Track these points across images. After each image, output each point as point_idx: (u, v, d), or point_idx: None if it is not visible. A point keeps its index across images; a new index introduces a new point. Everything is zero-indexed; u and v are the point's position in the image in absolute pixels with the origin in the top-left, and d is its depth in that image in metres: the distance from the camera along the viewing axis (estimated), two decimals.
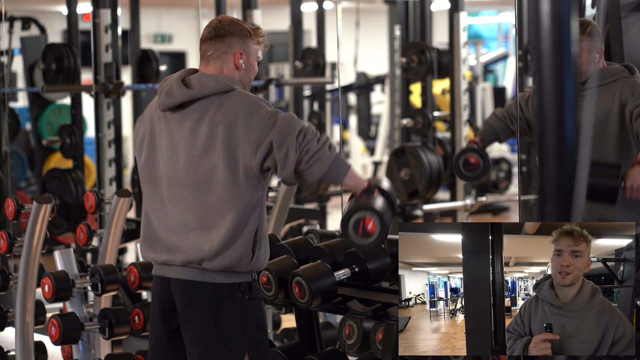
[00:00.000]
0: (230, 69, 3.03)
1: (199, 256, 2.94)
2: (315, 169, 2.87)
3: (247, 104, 2.92)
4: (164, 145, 3.02)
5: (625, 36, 4.65)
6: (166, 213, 3.02)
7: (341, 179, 2.92)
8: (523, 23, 6.02)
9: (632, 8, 4.69)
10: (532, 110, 3.84)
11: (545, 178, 1.51)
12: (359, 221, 2.91)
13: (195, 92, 2.96)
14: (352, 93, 12.49)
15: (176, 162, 2.99)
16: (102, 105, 6.24)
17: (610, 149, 3.65)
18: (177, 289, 3.01)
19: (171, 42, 15.75)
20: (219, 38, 3.03)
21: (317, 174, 2.88)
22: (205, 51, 3.06)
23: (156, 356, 3.11)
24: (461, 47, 6.63)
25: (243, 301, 2.97)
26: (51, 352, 4.43)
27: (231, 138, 2.90)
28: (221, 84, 2.96)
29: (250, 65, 3.07)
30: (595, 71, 3.66)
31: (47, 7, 14.13)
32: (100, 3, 6.13)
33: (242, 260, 2.94)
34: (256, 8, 6.37)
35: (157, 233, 3.03)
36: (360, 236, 2.91)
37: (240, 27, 3.05)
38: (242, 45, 3.04)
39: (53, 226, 6.39)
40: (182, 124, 2.98)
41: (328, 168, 2.88)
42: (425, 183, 6.86)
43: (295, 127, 2.86)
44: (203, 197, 2.94)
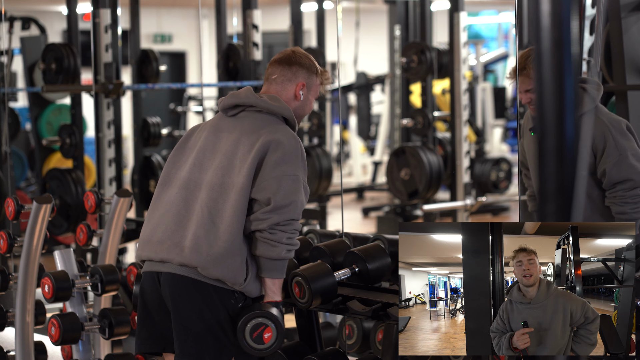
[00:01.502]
0: (288, 97, 3.14)
1: (195, 260, 2.96)
2: (264, 248, 2.97)
3: (289, 149, 3.00)
4: (201, 145, 3.10)
5: (625, 36, 4.65)
6: (171, 213, 3.03)
7: (270, 275, 3.01)
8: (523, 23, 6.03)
9: (632, 8, 4.69)
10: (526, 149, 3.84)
11: (545, 178, 1.51)
12: (259, 327, 2.98)
13: (259, 101, 3.07)
14: (352, 93, 12.49)
15: (208, 163, 3.06)
16: (102, 105, 6.24)
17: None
18: (168, 282, 3.02)
19: (171, 42, 15.75)
20: (287, 65, 3.15)
21: (260, 252, 2.98)
22: (270, 74, 3.17)
23: (147, 347, 3.14)
24: (461, 47, 6.63)
25: (236, 308, 3.02)
26: (51, 352, 4.43)
27: (259, 163, 2.99)
28: (284, 109, 3.08)
29: (308, 100, 3.18)
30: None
31: (47, 7, 14.13)
32: (100, 3, 6.13)
33: (237, 278, 2.98)
34: (256, 8, 6.37)
35: (158, 234, 3.06)
36: (254, 339, 2.98)
37: (310, 62, 3.17)
38: (306, 79, 3.16)
39: (53, 226, 6.39)
40: (233, 129, 3.08)
41: (271, 259, 2.98)
42: (425, 183, 6.86)
43: (289, 214, 2.96)
44: (218, 200, 2.99)
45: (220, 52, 7.15)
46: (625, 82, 4.67)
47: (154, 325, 3.11)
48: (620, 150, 3.52)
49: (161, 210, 3.08)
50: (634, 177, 3.52)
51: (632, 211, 3.52)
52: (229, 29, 7.50)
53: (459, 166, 6.73)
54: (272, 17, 12.68)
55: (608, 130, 3.53)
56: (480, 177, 9.23)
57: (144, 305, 3.12)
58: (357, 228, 9.61)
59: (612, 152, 3.52)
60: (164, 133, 7.24)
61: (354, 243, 3.62)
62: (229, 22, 7.51)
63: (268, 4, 12.95)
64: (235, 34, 8.36)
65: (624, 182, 3.53)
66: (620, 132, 3.54)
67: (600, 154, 3.54)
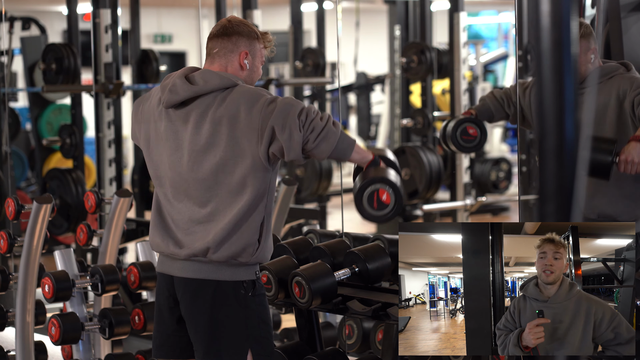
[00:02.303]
0: (234, 68, 3.05)
1: (204, 246, 2.94)
2: (324, 146, 2.88)
3: (248, 95, 2.93)
4: (167, 144, 3.03)
5: (625, 36, 4.65)
6: (173, 208, 3.03)
7: (349, 154, 2.94)
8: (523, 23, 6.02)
9: (632, 8, 4.69)
10: (529, 101, 3.84)
11: (545, 178, 1.51)
12: (373, 194, 2.91)
13: (199, 88, 2.97)
14: (352, 93, 12.49)
15: (180, 159, 3.00)
16: (102, 105, 6.24)
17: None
18: (180, 287, 3.01)
19: (171, 42, 15.75)
20: (226, 36, 3.04)
21: (326, 152, 2.89)
22: (211, 48, 3.07)
23: (165, 353, 3.12)
24: (461, 47, 6.63)
25: (247, 298, 2.98)
26: (51, 352, 4.43)
27: (235, 130, 2.92)
28: (225, 80, 2.97)
29: (254, 66, 3.08)
30: (591, 70, 3.67)
31: (47, 7, 14.13)
32: (100, 3, 6.13)
33: (247, 249, 2.94)
34: (256, 8, 6.37)
35: (168, 224, 3.04)
36: (376, 209, 2.91)
37: (249, 29, 3.07)
38: (248, 46, 3.06)
39: (53, 226, 6.39)
40: (186, 120, 2.99)
41: (336, 144, 2.89)
42: (425, 183, 6.86)
43: (295, 108, 2.88)
44: (211, 191, 2.95)
45: None
46: None
47: (167, 331, 3.09)
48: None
49: (167, 205, 3.06)
50: None
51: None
52: None
53: (458, 166, 6.73)
54: (272, 17, 12.68)
55: (636, 79, 3.64)
56: (480, 177, 9.23)
57: (159, 309, 3.11)
58: (357, 228, 9.61)
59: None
60: None
61: (354, 243, 3.62)
62: None
63: (268, 4, 12.95)
64: None
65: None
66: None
67: (629, 90, 3.59)
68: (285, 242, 3.64)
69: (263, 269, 3.39)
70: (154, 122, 3.06)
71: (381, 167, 2.96)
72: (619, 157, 3.44)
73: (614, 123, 3.61)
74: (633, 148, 3.44)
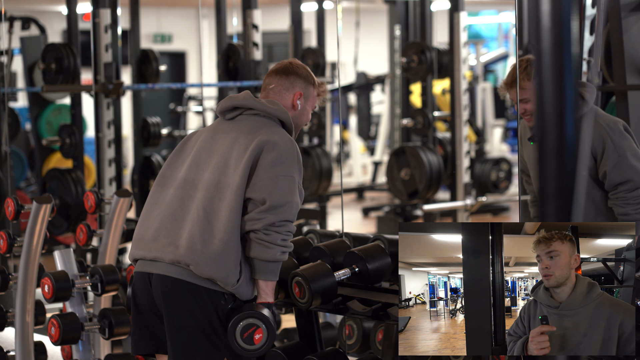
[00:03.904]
0: (286, 106, 3.16)
1: (189, 258, 2.96)
2: (258, 250, 2.96)
3: (285, 150, 3.01)
4: (199, 146, 3.10)
5: (625, 36, 4.65)
6: (167, 212, 3.03)
7: (263, 277, 3.00)
8: (523, 23, 6.02)
9: (632, 8, 4.69)
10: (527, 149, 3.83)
11: (546, 178, 1.50)
12: (250, 327, 2.97)
13: (257, 104, 3.09)
14: (352, 93, 12.49)
15: (205, 163, 3.06)
16: (102, 105, 6.24)
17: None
18: (159, 284, 3.02)
19: (171, 42, 15.75)
20: (284, 75, 3.17)
21: (255, 254, 2.97)
22: (267, 84, 3.19)
23: (142, 348, 3.15)
24: (461, 47, 6.63)
25: (226, 309, 3.02)
26: (51, 352, 4.43)
27: (254, 162, 3.00)
28: (282, 112, 3.10)
29: (305, 110, 3.19)
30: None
31: (47, 7, 14.13)
32: (100, 3, 6.13)
33: (229, 278, 2.98)
34: (256, 8, 6.37)
35: (152, 232, 3.06)
36: (244, 340, 2.97)
37: (307, 73, 3.20)
38: (304, 88, 3.18)
39: (53, 226, 6.39)
40: (230, 130, 3.08)
41: (265, 261, 2.97)
42: (425, 183, 6.86)
43: (284, 214, 2.96)
44: (214, 199, 2.99)
45: (220, 52, 7.15)
46: (626, 82, 4.67)
47: (146, 326, 3.12)
48: (619, 151, 3.52)
49: (156, 210, 3.08)
50: (635, 178, 3.52)
51: (635, 212, 3.51)
52: (229, 29, 7.50)
53: (459, 166, 6.73)
54: (272, 17, 12.68)
55: (606, 133, 3.52)
56: (480, 177, 9.23)
57: (136, 307, 3.13)
58: (357, 228, 9.61)
59: (612, 154, 3.52)
60: (164, 133, 7.23)
61: (354, 243, 3.62)
62: (229, 22, 7.51)
63: (268, 4, 12.94)
64: (235, 34, 8.36)
65: (625, 183, 3.52)
66: (618, 133, 3.54)
67: (600, 157, 3.53)
68: None
69: None
70: (194, 138, 3.21)
71: (271, 311, 3.02)
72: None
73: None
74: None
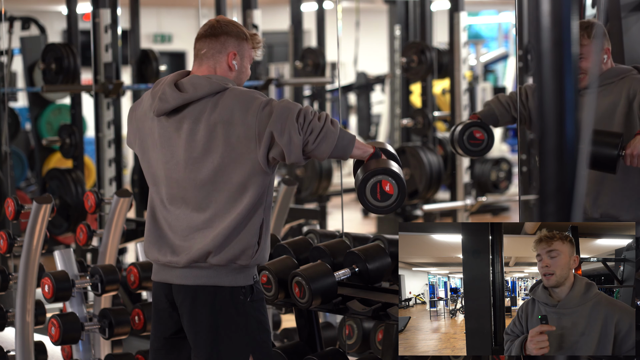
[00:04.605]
0: (223, 70, 3.00)
1: (204, 251, 2.93)
2: (324, 147, 2.87)
3: (240, 99, 2.91)
4: (160, 149, 3.00)
5: (625, 36, 4.65)
6: (170, 214, 3.01)
7: (349, 150, 2.93)
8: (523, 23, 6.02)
9: (632, 8, 4.69)
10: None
11: (545, 178, 1.50)
12: (376, 185, 2.91)
13: (189, 96, 2.93)
14: (352, 93, 12.49)
15: (176, 165, 2.97)
16: (102, 105, 6.24)
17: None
18: (179, 294, 3.00)
19: (171, 42, 15.75)
20: (214, 37, 3.00)
21: (327, 152, 2.88)
22: (199, 49, 3.02)
23: (159, 358, 3.11)
24: (461, 47, 6.63)
25: (245, 304, 2.97)
26: (51, 352, 4.43)
27: (231, 136, 2.89)
28: (215, 85, 2.93)
29: (243, 67, 3.04)
30: (603, 71, 3.67)
31: (47, 7, 14.13)
32: (100, 3, 6.13)
33: (247, 252, 2.93)
34: (256, 8, 6.37)
35: (164, 232, 3.02)
36: (380, 200, 2.91)
37: (237, 29, 3.02)
38: (237, 47, 3.01)
39: (53, 226, 6.39)
40: (179, 127, 2.96)
41: (336, 143, 2.88)
42: (425, 183, 6.86)
43: (293, 111, 2.86)
44: (210, 197, 2.93)
45: None
46: None
47: (165, 335, 3.09)
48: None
49: (162, 211, 3.05)
50: None
51: None
52: None
53: (459, 166, 6.73)
54: (272, 17, 12.68)
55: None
56: (480, 177, 9.23)
57: (157, 314, 3.10)
58: (357, 228, 9.60)
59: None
60: None
61: (354, 243, 3.62)
62: None
63: (268, 4, 12.94)
64: None
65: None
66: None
67: (639, 91, 3.59)
68: (285, 242, 3.64)
69: (263, 269, 3.39)
70: (148, 128, 3.03)
71: (382, 159, 2.96)
72: (625, 151, 3.46)
73: (622, 121, 3.62)
74: (639, 142, 3.45)
